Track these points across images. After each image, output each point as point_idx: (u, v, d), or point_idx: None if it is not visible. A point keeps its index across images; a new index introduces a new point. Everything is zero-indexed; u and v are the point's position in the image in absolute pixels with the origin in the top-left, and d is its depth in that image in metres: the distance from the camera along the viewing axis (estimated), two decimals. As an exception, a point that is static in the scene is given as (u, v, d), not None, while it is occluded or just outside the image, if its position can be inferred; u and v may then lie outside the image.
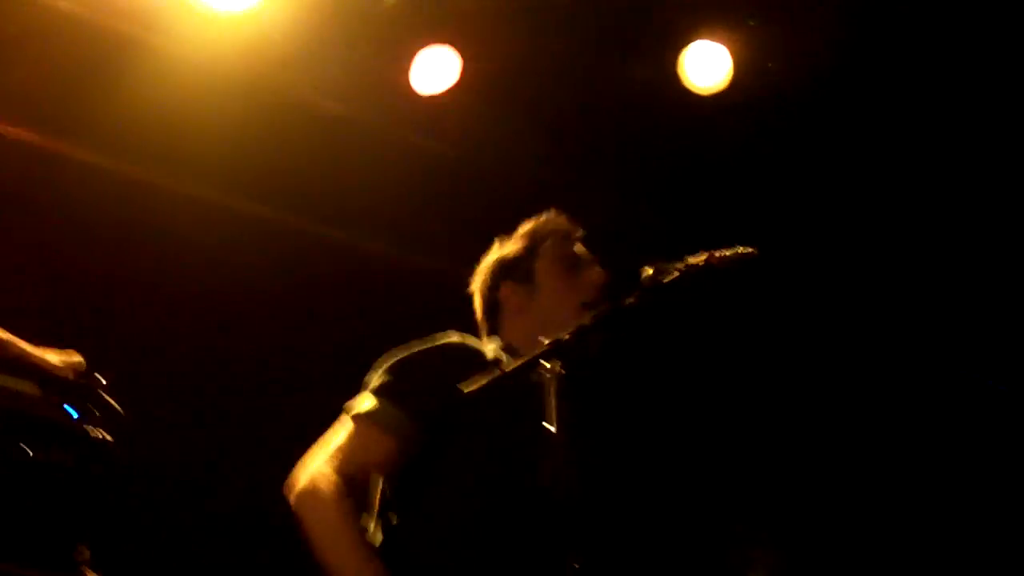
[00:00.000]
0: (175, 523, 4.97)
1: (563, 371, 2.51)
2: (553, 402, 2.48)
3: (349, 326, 5.48)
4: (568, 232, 3.30)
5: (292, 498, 2.83)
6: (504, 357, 3.04)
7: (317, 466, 2.85)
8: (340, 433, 2.93)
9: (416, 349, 3.03)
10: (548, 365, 2.52)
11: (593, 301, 2.98)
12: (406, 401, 2.91)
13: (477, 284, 3.34)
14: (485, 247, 3.42)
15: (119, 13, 4.60)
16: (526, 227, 3.34)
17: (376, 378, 3.00)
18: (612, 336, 3.05)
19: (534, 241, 3.29)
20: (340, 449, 2.88)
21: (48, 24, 4.56)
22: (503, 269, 3.29)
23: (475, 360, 2.99)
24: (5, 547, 2.46)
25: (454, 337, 3.08)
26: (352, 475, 2.85)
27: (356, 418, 2.93)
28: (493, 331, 3.24)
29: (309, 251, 5.49)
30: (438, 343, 3.05)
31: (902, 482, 5.74)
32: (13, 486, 2.42)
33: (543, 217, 3.35)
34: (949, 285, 5.65)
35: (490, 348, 3.13)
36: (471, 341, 3.12)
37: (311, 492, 2.80)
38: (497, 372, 2.55)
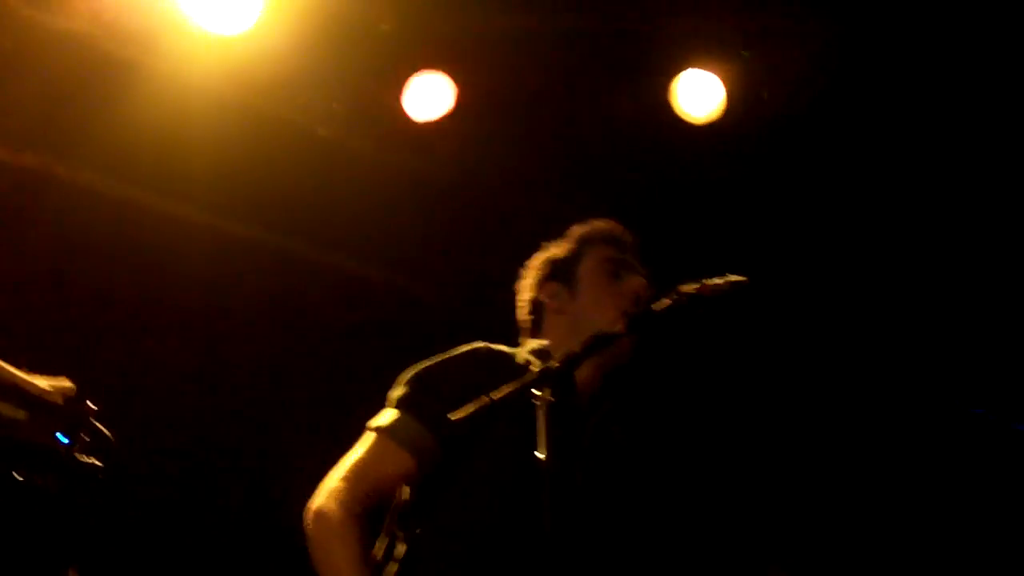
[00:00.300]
0: (164, 547, 4.96)
1: (553, 398, 2.50)
2: (543, 429, 2.48)
3: (342, 349, 5.48)
4: (616, 238, 3.25)
5: (305, 516, 2.82)
6: (536, 362, 3.00)
7: (332, 484, 2.83)
8: (359, 448, 2.90)
9: (439, 359, 2.99)
10: (539, 393, 2.51)
11: (629, 310, 2.94)
12: (426, 414, 2.87)
13: (523, 282, 3.29)
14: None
15: (114, 34, 4.60)
16: (576, 230, 3.29)
17: (397, 390, 2.96)
18: (607, 362, 3.05)
19: (581, 244, 3.24)
20: (356, 465, 2.86)
21: (43, 45, 4.56)
22: (548, 269, 3.24)
23: (502, 366, 2.95)
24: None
25: (479, 345, 3.03)
26: (369, 493, 2.83)
27: (375, 432, 2.91)
28: (534, 331, 3.21)
29: (302, 274, 5.49)
30: (461, 351, 3.00)
31: (905, 498, 5.74)
32: (2, 512, 2.41)
33: (595, 221, 3.30)
34: (943, 311, 5.65)
35: (522, 352, 3.09)
36: (499, 347, 3.06)
37: (319, 513, 2.79)
38: (485, 400, 2.53)
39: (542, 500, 2.44)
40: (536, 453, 2.45)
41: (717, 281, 2.60)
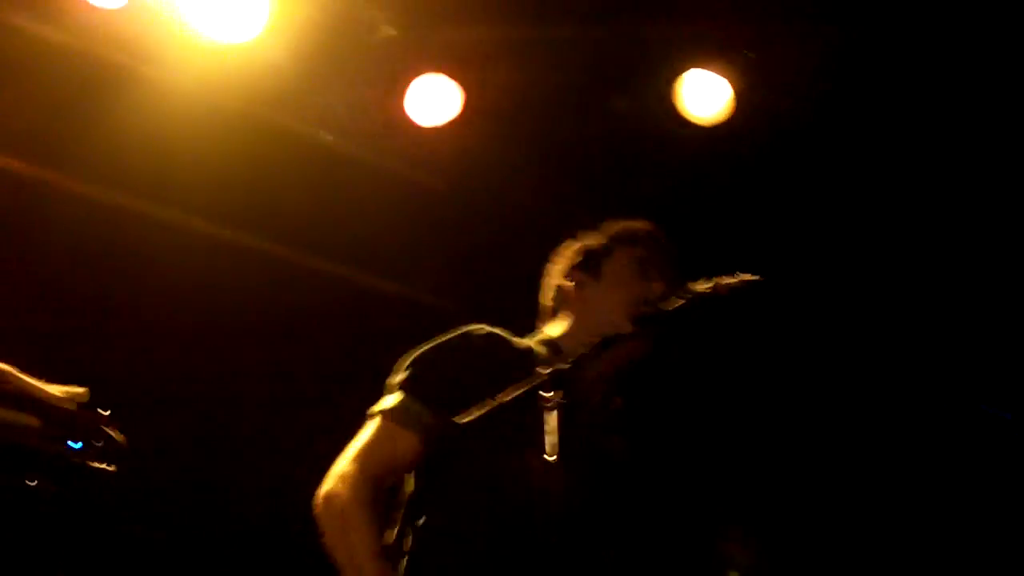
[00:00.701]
0: (175, 552, 4.96)
1: (564, 400, 2.50)
2: (553, 432, 2.47)
3: (342, 358, 5.47)
4: (652, 240, 3.22)
5: (316, 499, 2.83)
6: (541, 351, 3.02)
7: (342, 467, 2.85)
8: (365, 433, 2.91)
9: (438, 341, 3.00)
10: (548, 395, 2.51)
11: (639, 315, 2.91)
12: (428, 395, 2.89)
13: (551, 267, 3.28)
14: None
15: (114, 44, 4.59)
16: (613, 225, 3.28)
17: (398, 375, 2.97)
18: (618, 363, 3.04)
19: (615, 240, 3.23)
20: (364, 449, 2.87)
21: (43, 55, 4.56)
22: (579, 258, 3.23)
23: (502, 350, 2.98)
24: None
25: (477, 326, 3.03)
26: (377, 475, 2.84)
27: (380, 415, 2.92)
28: (552, 317, 3.20)
29: (304, 282, 5.49)
30: (459, 332, 3.01)
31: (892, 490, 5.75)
32: (14, 518, 2.41)
33: (634, 220, 3.28)
34: (948, 310, 5.65)
35: (525, 339, 3.08)
36: (500, 331, 3.05)
37: (330, 495, 2.81)
38: (492, 403, 2.53)
39: (548, 501, 2.45)
40: (545, 456, 2.45)
41: (730, 280, 2.59)
